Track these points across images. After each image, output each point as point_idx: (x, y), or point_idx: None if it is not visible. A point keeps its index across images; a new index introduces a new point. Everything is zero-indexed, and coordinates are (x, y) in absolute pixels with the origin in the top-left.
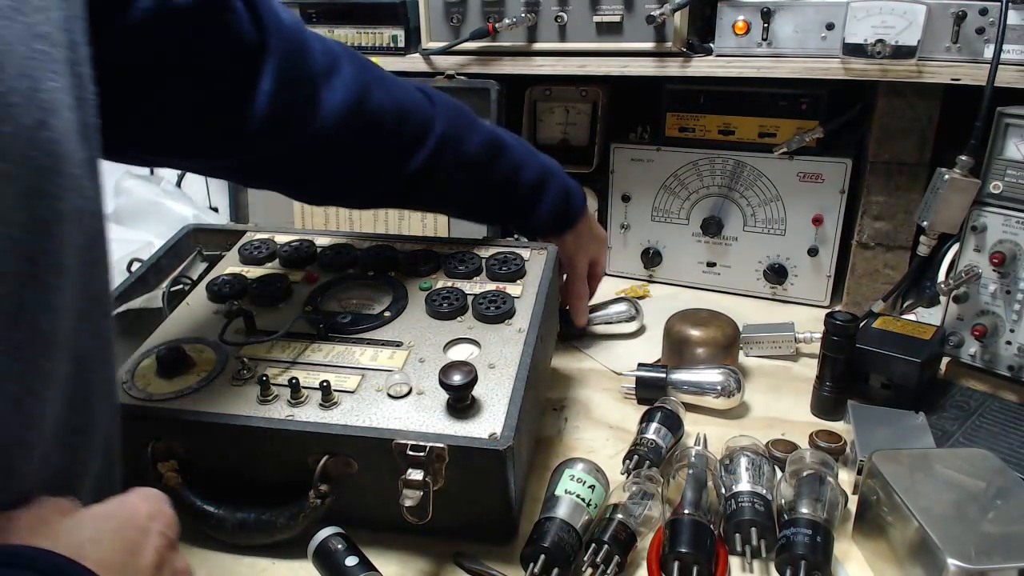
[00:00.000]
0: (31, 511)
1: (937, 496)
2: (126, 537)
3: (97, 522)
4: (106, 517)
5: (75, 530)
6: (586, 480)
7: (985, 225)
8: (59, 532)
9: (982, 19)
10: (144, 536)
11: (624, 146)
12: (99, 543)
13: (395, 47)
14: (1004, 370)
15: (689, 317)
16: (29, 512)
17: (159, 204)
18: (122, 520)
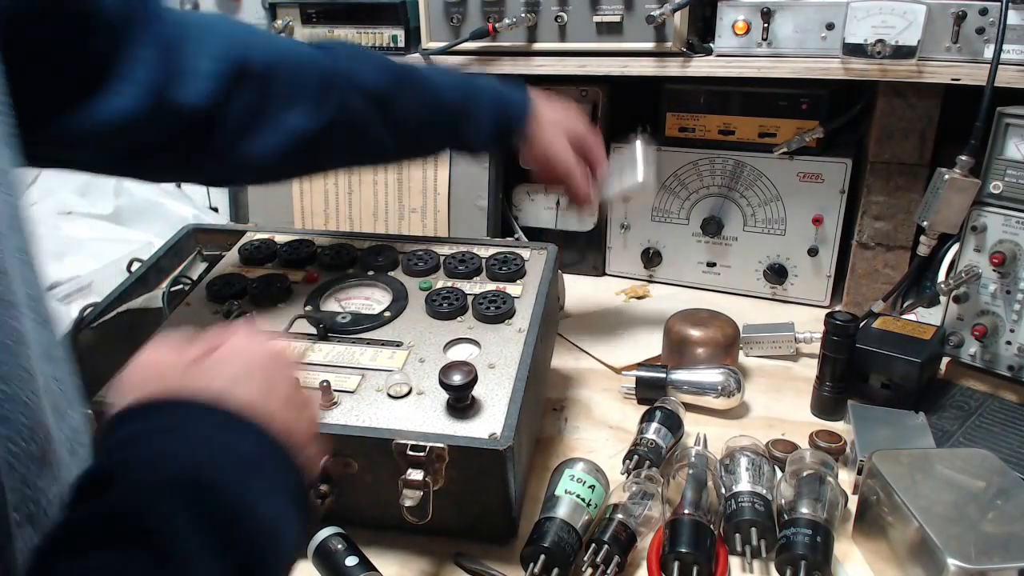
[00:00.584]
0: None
1: (937, 496)
2: (258, 376)
3: (233, 365)
4: (233, 359)
5: (219, 374)
6: (586, 480)
7: (985, 225)
8: (206, 376)
9: (982, 19)
10: (273, 374)
11: (624, 146)
12: (239, 383)
13: (395, 47)
14: (1004, 370)
15: (689, 317)
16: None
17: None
18: (248, 362)
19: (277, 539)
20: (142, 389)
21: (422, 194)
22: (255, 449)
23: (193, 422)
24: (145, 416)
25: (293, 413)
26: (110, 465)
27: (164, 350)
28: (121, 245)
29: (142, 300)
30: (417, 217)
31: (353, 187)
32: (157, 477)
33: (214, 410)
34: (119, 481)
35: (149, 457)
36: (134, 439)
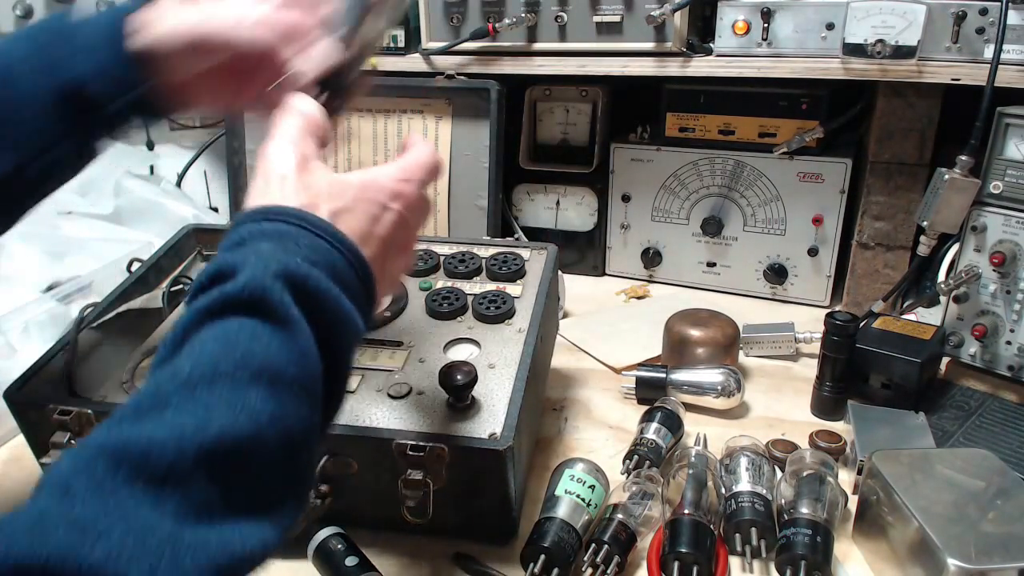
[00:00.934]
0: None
1: (937, 496)
2: (371, 212)
3: (355, 191)
4: (362, 187)
5: (339, 195)
6: (586, 480)
7: (985, 225)
8: (324, 194)
9: (982, 19)
10: (385, 212)
11: (624, 146)
12: (353, 212)
13: (395, 47)
14: (1004, 370)
15: (689, 317)
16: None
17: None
18: (373, 193)
19: (348, 324)
20: (270, 194)
21: None
22: (343, 263)
23: (300, 231)
24: (264, 218)
25: (386, 253)
26: (232, 260)
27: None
28: (121, 245)
29: (142, 300)
30: None
31: None
32: (267, 270)
33: (317, 223)
34: (239, 272)
35: (264, 254)
36: (252, 238)
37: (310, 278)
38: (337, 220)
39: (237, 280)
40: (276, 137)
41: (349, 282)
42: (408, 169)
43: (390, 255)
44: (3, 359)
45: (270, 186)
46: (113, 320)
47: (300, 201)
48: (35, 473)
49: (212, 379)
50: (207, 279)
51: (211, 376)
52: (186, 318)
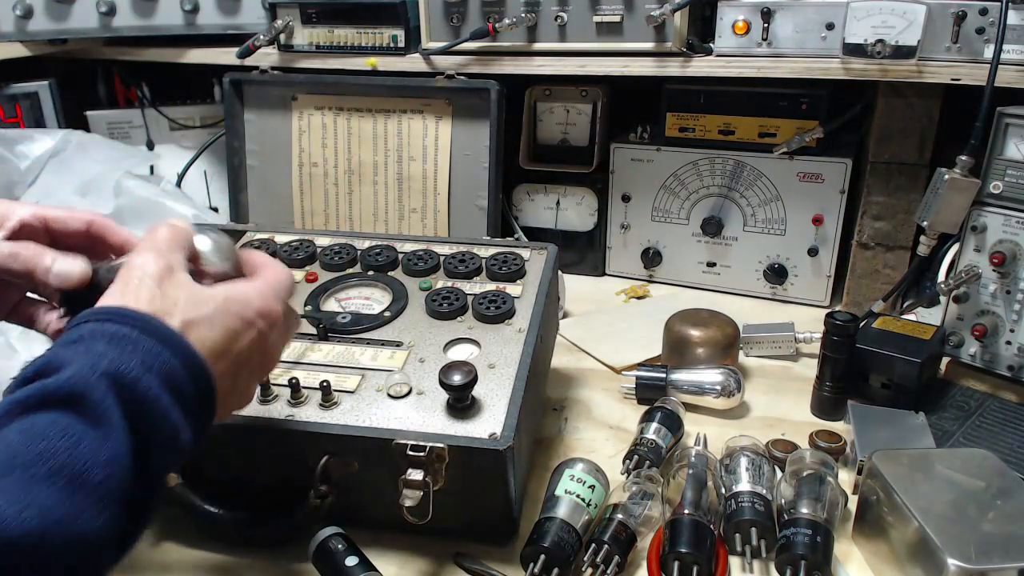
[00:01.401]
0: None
1: (937, 496)
2: (231, 326)
3: (216, 304)
4: (225, 301)
5: (197, 306)
6: (586, 480)
7: (985, 225)
8: (181, 303)
9: (982, 19)
10: (247, 329)
11: (624, 146)
12: (209, 324)
13: (395, 47)
14: (1004, 370)
15: (689, 317)
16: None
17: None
18: (237, 308)
19: (172, 436)
20: (128, 295)
21: (422, 194)
22: (182, 374)
23: (142, 336)
24: (108, 318)
25: (244, 368)
26: (61, 356)
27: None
28: None
29: None
30: (417, 217)
31: (353, 187)
32: (95, 369)
33: (162, 331)
34: (64, 368)
35: (95, 353)
36: (91, 337)
37: (139, 382)
38: (189, 330)
39: (60, 375)
40: (142, 246)
41: (185, 394)
42: (275, 286)
43: (244, 371)
44: (3, 359)
45: (127, 289)
46: None
47: (153, 307)
48: None
49: (6, 471)
50: (32, 372)
51: (6, 468)
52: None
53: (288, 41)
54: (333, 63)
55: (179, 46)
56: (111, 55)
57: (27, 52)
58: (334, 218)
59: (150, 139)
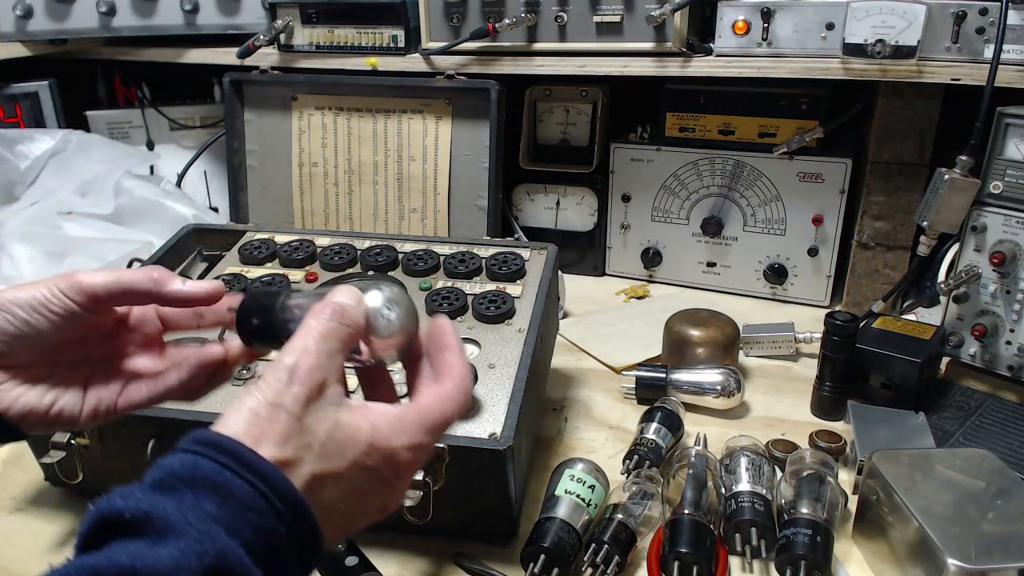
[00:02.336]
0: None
1: (937, 496)
2: (363, 484)
3: (356, 454)
4: (368, 451)
5: (334, 455)
6: (586, 480)
7: (985, 225)
8: (316, 449)
9: (982, 19)
10: (381, 487)
11: (624, 146)
12: (340, 481)
13: (395, 47)
14: (1004, 370)
15: (689, 317)
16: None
17: (159, 204)
18: (376, 462)
19: None
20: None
21: (422, 194)
22: (291, 552)
23: (262, 502)
24: (229, 463)
25: (357, 521)
26: (166, 513)
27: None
28: (121, 245)
29: None
30: (417, 217)
31: (353, 187)
32: (201, 560)
33: (287, 496)
34: (167, 542)
35: (203, 525)
36: (203, 485)
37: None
38: (315, 488)
39: (159, 557)
40: (294, 343)
41: (286, 570)
42: (433, 425)
43: (357, 523)
44: None
45: (259, 414)
46: None
47: (284, 453)
48: (35, 473)
49: None
50: (130, 517)
51: None
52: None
53: (288, 41)
54: (333, 63)
55: (179, 46)
56: (111, 55)
57: (27, 52)
58: (334, 218)
59: (150, 139)
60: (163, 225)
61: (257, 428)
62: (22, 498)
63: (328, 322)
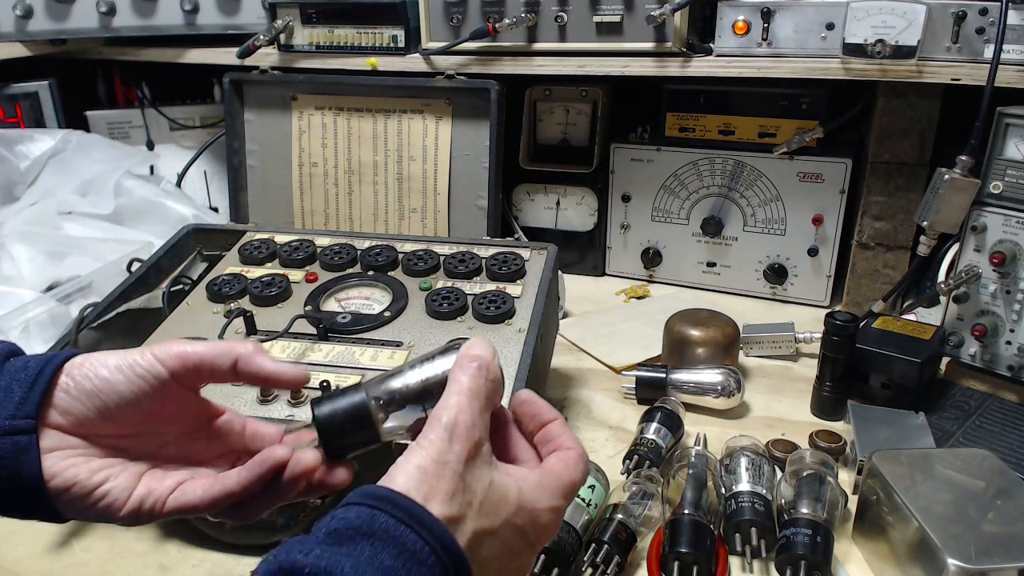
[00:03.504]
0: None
1: (937, 496)
2: (513, 543)
3: (509, 513)
4: (518, 510)
5: (491, 513)
6: (586, 480)
7: (985, 225)
8: (476, 506)
9: (982, 19)
10: (526, 547)
11: (624, 146)
12: (495, 538)
13: (395, 47)
14: (1004, 370)
15: (689, 317)
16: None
17: (159, 204)
18: (524, 521)
19: None
20: (430, 474)
21: (422, 194)
22: None
23: (433, 559)
24: (405, 520)
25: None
26: (341, 567)
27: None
28: (121, 245)
29: (142, 300)
30: (417, 217)
31: (353, 187)
32: None
33: (454, 553)
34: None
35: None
36: (377, 541)
37: None
38: (475, 546)
39: None
40: (448, 401)
41: None
42: (567, 487)
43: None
44: None
45: (428, 470)
46: (113, 320)
47: (450, 511)
48: None
49: None
50: (310, 571)
51: None
52: None
53: (288, 41)
54: (333, 63)
55: (179, 46)
56: (111, 55)
57: (27, 52)
58: (334, 218)
59: (150, 139)
60: (163, 225)
61: (426, 485)
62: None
63: (476, 379)
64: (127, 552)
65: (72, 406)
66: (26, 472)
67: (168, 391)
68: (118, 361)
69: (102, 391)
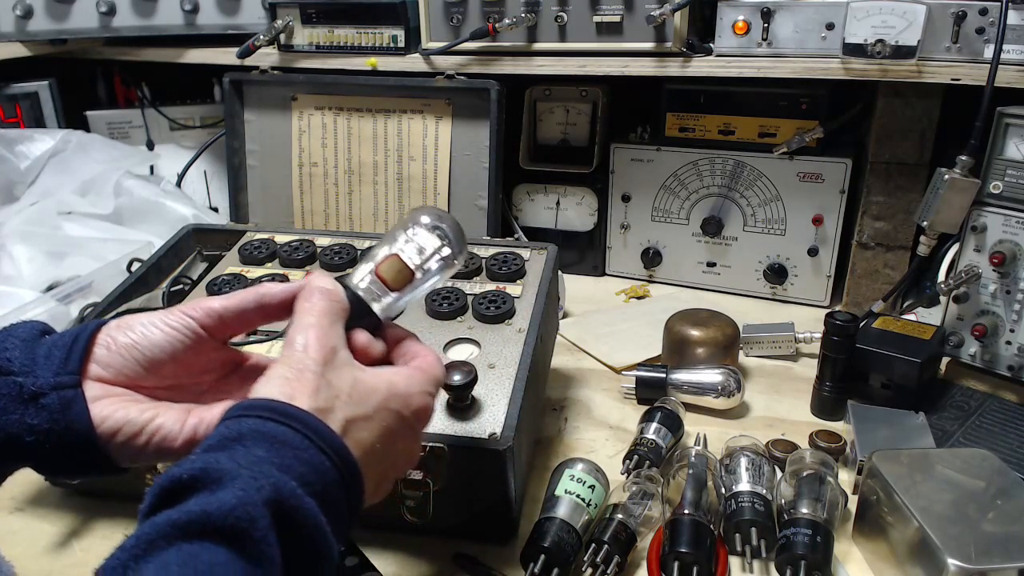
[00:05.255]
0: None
1: (937, 496)
2: (389, 425)
3: (379, 400)
4: (388, 397)
5: (360, 402)
6: (586, 480)
7: (985, 225)
8: (344, 397)
9: (982, 19)
10: (403, 428)
11: (624, 146)
12: (369, 422)
13: (395, 47)
14: (1004, 370)
15: (689, 317)
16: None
17: (159, 204)
18: (397, 405)
19: (325, 559)
20: (291, 382)
21: (422, 194)
22: (336, 486)
23: (305, 442)
24: (270, 416)
25: (391, 468)
26: (221, 465)
27: (325, 342)
28: (121, 245)
29: (142, 300)
30: None
31: (353, 187)
32: (259, 493)
33: (326, 436)
34: (226, 485)
35: (258, 466)
36: (251, 437)
37: (299, 510)
38: (349, 430)
39: (223, 498)
40: (299, 322)
41: (337, 506)
42: (433, 379)
43: (390, 473)
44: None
45: (289, 377)
46: None
47: (316, 403)
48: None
49: None
50: (188, 477)
51: None
52: (156, 529)
53: (288, 41)
54: (333, 63)
55: (179, 46)
56: (111, 55)
57: (27, 52)
58: (334, 218)
59: (150, 139)
60: (163, 225)
61: (288, 387)
62: (22, 498)
63: (321, 300)
64: None
65: (113, 360)
66: (76, 422)
67: (201, 343)
68: (151, 318)
69: (139, 344)
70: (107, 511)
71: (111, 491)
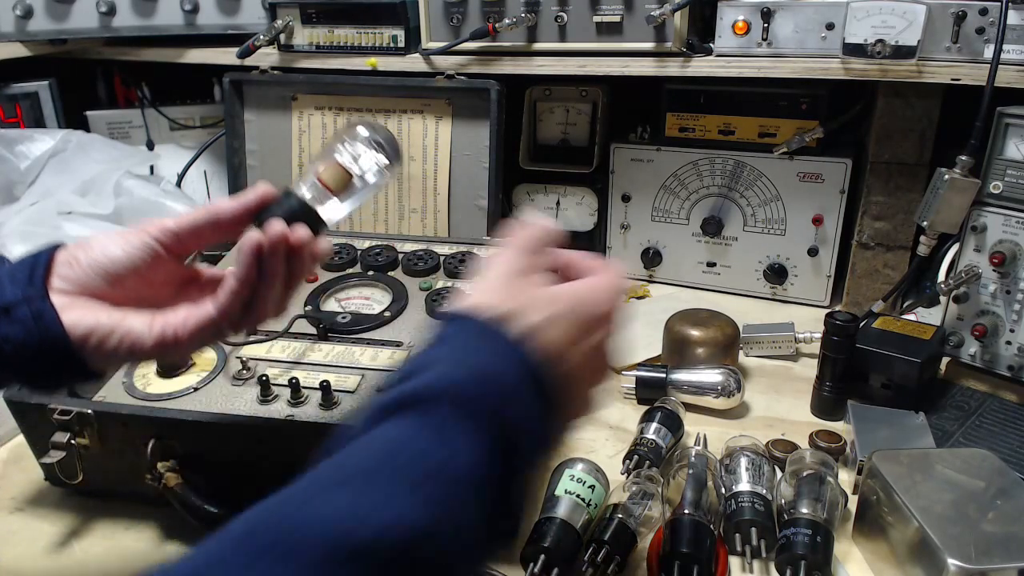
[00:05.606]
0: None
1: (937, 496)
2: (579, 325)
3: (570, 303)
4: (578, 301)
5: (547, 304)
6: (586, 480)
7: (985, 225)
8: (534, 303)
9: (982, 19)
10: (597, 330)
11: (624, 146)
12: (560, 324)
13: (395, 47)
14: (1004, 370)
15: (689, 317)
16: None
17: (159, 204)
18: (587, 311)
19: (535, 438)
20: (486, 294)
21: (422, 194)
22: (530, 384)
23: (496, 350)
24: (462, 328)
25: (587, 369)
26: (431, 354)
27: (518, 262)
28: None
29: None
30: (417, 217)
31: None
32: (452, 383)
33: (519, 348)
34: (419, 377)
35: (450, 361)
36: (447, 340)
37: (502, 379)
38: (540, 332)
39: (428, 378)
40: (508, 244)
41: (527, 407)
42: (617, 287)
43: (587, 377)
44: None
45: (483, 285)
46: None
47: (506, 306)
48: (35, 473)
49: (376, 476)
50: (408, 370)
51: (376, 473)
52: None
53: (288, 41)
54: (333, 63)
55: (179, 46)
56: (111, 55)
57: (27, 52)
58: None
59: (150, 139)
60: None
61: (484, 295)
62: (22, 498)
63: (530, 229)
64: (127, 552)
65: (75, 275)
66: (49, 329)
67: (158, 259)
68: (110, 237)
69: (100, 260)
70: (107, 511)
71: (111, 491)
